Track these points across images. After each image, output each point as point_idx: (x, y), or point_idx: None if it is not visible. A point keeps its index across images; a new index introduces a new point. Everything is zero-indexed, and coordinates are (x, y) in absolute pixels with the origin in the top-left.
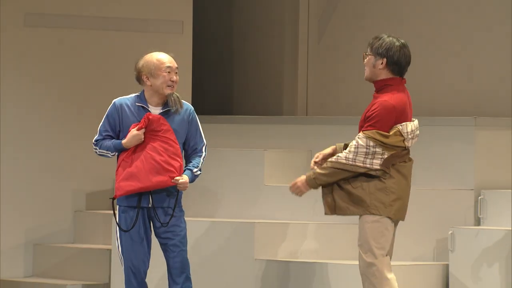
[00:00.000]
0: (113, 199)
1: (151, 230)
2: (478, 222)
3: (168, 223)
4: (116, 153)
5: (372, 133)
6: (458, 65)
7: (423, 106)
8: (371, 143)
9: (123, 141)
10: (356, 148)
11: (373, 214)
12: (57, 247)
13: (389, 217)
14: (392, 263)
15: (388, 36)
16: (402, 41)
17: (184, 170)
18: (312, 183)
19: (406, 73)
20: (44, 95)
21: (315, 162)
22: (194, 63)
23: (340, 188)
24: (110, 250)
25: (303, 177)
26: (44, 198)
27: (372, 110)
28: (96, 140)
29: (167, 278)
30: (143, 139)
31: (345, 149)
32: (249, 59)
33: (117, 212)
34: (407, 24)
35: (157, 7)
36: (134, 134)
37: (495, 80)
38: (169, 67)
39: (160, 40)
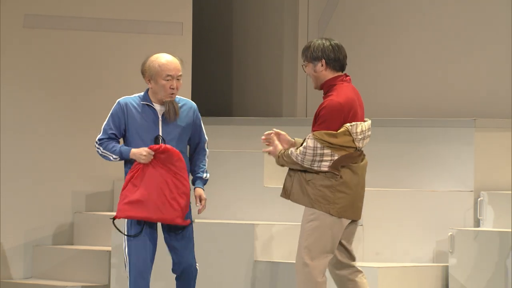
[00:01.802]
0: (114, 219)
1: (157, 233)
2: (477, 223)
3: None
4: (118, 159)
5: (319, 134)
6: (457, 66)
7: (423, 107)
8: (319, 145)
9: (132, 151)
10: (304, 149)
11: (315, 208)
12: (56, 248)
13: (331, 215)
14: (392, 264)
15: (317, 40)
16: (333, 40)
17: (195, 180)
18: (277, 160)
19: (403, 75)
20: (44, 96)
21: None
22: (193, 65)
23: (299, 176)
24: (109, 252)
25: (279, 148)
26: (44, 200)
27: (319, 111)
28: (100, 139)
29: (167, 281)
30: (149, 161)
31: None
32: (248, 60)
33: (125, 224)
34: (407, 25)
35: (157, 8)
36: (144, 153)
37: (495, 81)
38: (169, 75)
39: (159, 42)
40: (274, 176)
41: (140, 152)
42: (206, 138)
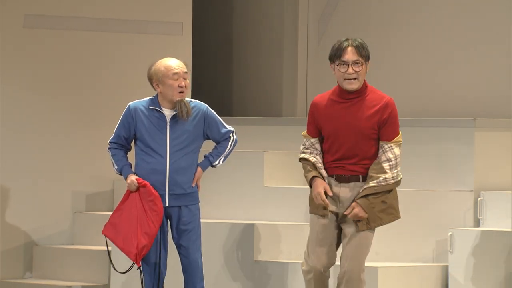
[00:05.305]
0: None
1: (167, 232)
2: (477, 223)
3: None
4: (118, 173)
5: (400, 137)
6: (457, 66)
7: (423, 107)
8: (399, 151)
9: (128, 176)
10: (395, 159)
11: (391, 220)
12: (56, 248)
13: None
14: (392, 264)
15: (361, 39)
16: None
17: (203, 159)
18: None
19: (403, 75)
20: (44, 96)
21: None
22: (193, 65)
23: (375, 202)
24: (109, 252)
25: (360, 207)
26: (44, 199)
27: (389, 113)
28: (110, 142)
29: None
30: (133, 190)
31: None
32: (248, 60)
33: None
34: (407, 25)
35: (157, 8)
36: (128, 182)
37: (495, 81)
38: (176, 73)
39: (160, 42)
40: (274, 176)
41: (130, 178)
42: (229, 128)
